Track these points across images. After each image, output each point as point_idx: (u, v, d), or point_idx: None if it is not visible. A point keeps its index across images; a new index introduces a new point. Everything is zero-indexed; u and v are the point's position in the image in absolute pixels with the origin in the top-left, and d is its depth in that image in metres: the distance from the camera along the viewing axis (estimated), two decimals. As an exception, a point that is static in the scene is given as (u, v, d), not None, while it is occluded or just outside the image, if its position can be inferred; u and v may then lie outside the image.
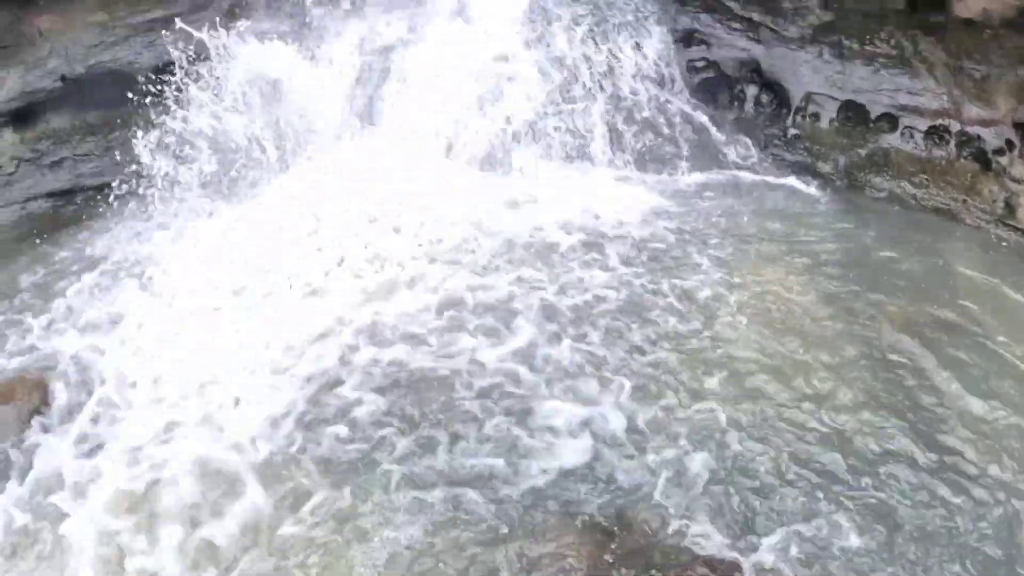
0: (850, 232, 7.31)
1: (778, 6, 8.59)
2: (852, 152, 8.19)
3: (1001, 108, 7.98)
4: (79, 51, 8.50)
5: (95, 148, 8.58)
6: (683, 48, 8.81)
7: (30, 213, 8.38)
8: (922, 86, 8.03)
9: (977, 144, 7.84)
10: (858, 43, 8.29)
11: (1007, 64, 8.01)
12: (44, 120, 8.53)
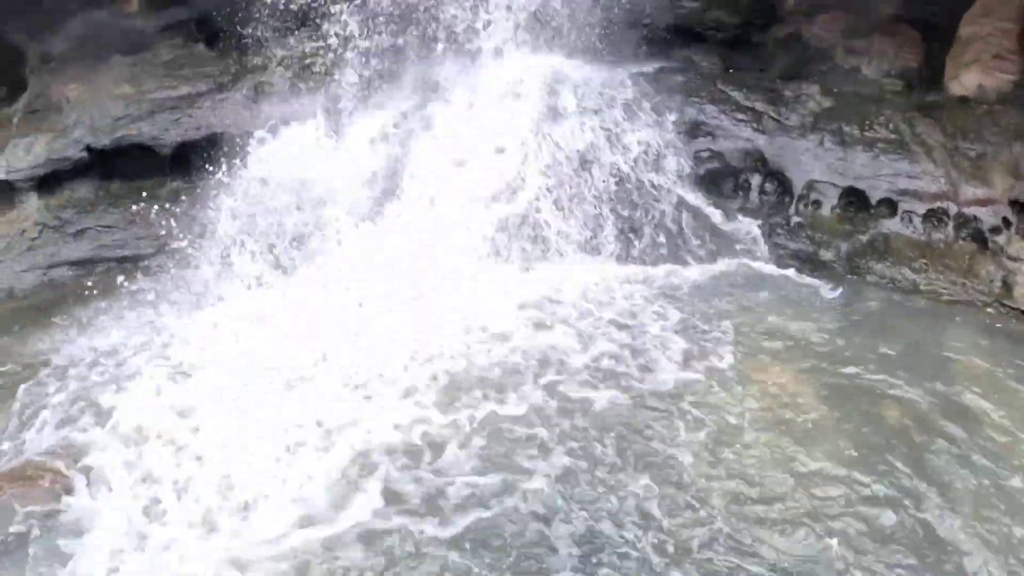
0: (851, 323, 7.19)
1: (780, 94, 8.80)
2: (853, 239, 8.21)
3: (997, 187, 7.97)
4: (105, 122, 8.88)
5: (118, 220, 8.86)
6: (689, 139, 8.93)
7: (52, 280, 8.66)
8: (920, 169, 8.08)
9: (974, 224, 7.85)
10: (858, 129, 8.40)
11: (1002, 141, 8.08)
12: (69, 188, 8.92)
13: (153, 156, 8.84)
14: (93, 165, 8.89)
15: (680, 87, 9.06)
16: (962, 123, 8.35)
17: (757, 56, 9.18)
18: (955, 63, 8.45)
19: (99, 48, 8.97)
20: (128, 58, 9.02)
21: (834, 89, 8.83)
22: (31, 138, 8.63)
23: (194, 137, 8.78)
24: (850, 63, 8.92)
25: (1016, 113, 8.19)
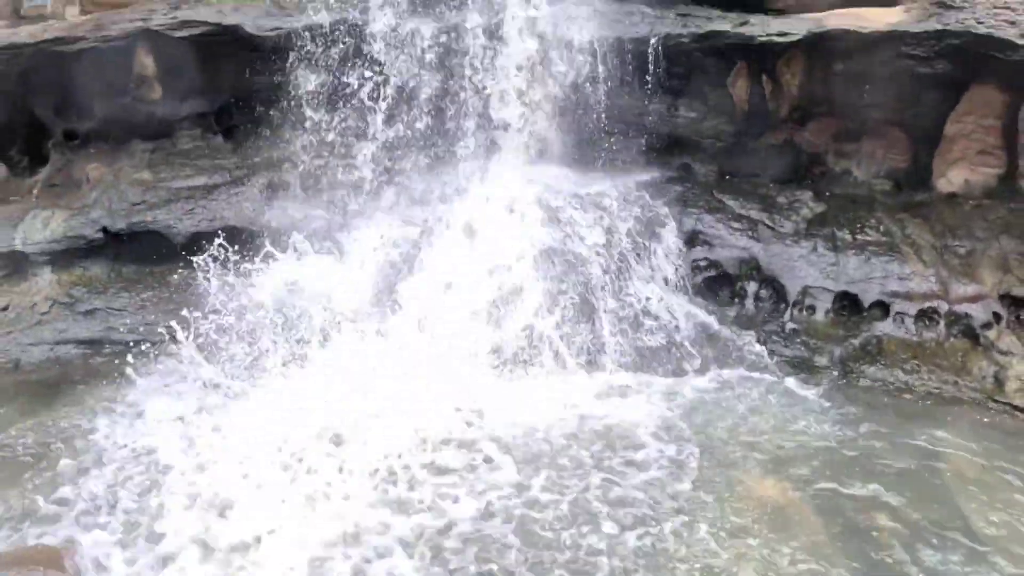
0: (845, 431, 7.07)
1: (774, 201, 8.95)
2: (847, 343, 8.13)
3: (987, 282, 8.02)
4: (122, 206, 9.07)
5: (129, 304, 8.91)
6: (688, 249, 9.00)
7: (59, 357, 8.58)
8: (911, 270, 8.11)
9: (966, 321, 7.86)
10: (849, 233, 8.50)
11: (990, 236, 8.21)
12: (82, 266, 9.03)
13: (167, 243, 8.97)
14: (107, 246, 9.03)
15: (679, 197, 9.20)
16: (951, 220, 8.49)
17: (752, 162, 9.30)
18: (942, 161, 8.58)
19: (122, 131, 9.33)
20: (148, 144, 9.39)
21: (826, 193, 9.00)
22: (49, 212, 8.87)
23: (207, 228, 8.88)
24: (841, 166, 9.09)
25: (1002, 207, 8.36)
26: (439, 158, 9.44)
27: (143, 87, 9.07)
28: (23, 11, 9.63)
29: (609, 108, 9.16)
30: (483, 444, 6.86)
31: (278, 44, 8.99)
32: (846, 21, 8.46)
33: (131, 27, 8.79)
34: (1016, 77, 7.93)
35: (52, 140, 9.43)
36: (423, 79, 9.22)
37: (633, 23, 9.16)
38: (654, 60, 8.94)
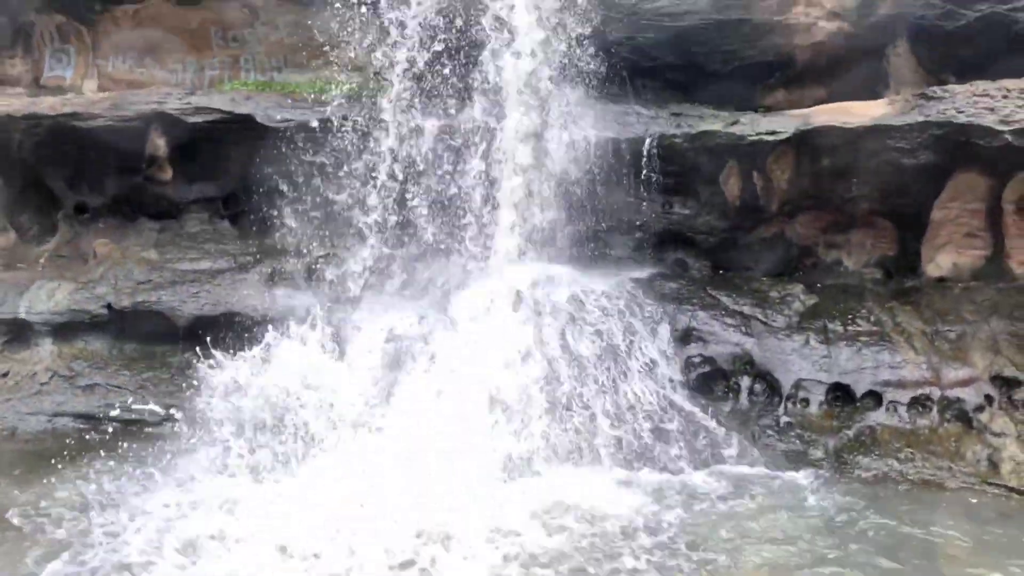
0: (839, 523, 6.79)
1: (766, 296, 8.87)
2: (840, 435, 7.95)
3: (978, 365, 7.92)
4: (128, 284, 9.11)
5: (128, 382, 8.84)
6: (682, 346, 8.86)
7: (56, 428, 8.51)
8: (902, 358, 8.01)
9: (958, 406, 7.72)
10: (841, 324, 8.41)
11: (980, 318, 8.17)
12: (84, 340, 9.03)
13: (169, 324, 8.94)
14: (111, 322, 9.02)
15: (673, 294, 9.11)
16: (940, 305, 8.43)
17: (745, 256, 9.33)
18: (930, 247, 8.59)
19: (131, 209, 9.52)
20: (156, 224, 9.53)
21: (818, 284, 8.96)
22: (55, 284, 8.95)
23: (210, 313, 8.92)
24: (832, 257, 9.08)
25: (990, 288, 8.33)
26: (440, 251, 9.42)
27: (154, 168, 9.27)
28: (43, 80, 9.99)
29: (605, 206, 9.24)
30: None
31: (287, 134, 9.17)
32: (832, 117, 8.59)
33: (147, 109, 9.07)
34: (998, 162, 8.00)
35: (63, 211, 9.58)
36: (425, 175, 9.40)
37: (629, 123, 9.35)
38: (649, 159, 9.06)
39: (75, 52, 10.03)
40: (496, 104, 9.42)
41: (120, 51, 9.98)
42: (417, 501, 6.97)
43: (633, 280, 9.28)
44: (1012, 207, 8.10)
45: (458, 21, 9.44)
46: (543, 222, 9.45)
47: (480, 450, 7.93)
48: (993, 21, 8.46)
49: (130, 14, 9.82)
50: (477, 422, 8.07)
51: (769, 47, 9.23)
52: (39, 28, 10.05)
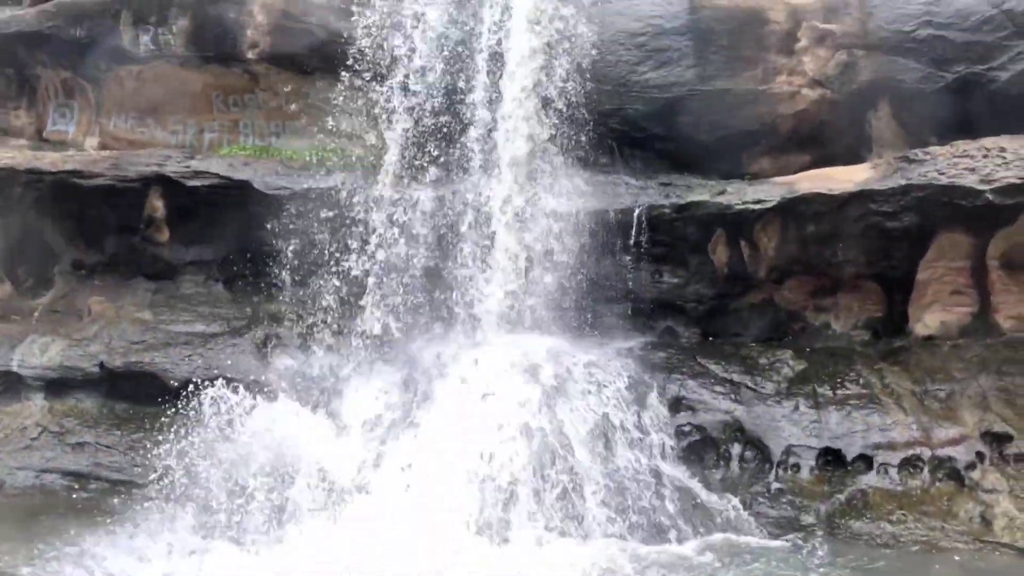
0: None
1: (756, 363, 8.78)
2: (832, 499, 7.80)
3: (968, 422, 7.82)
4: (121, 344, 9.07)
5: (119, 442, 8.73)
6: (671, 415, 8.72)
7: (43, 485, 8.39)
8: (892, 420, 7.91)
9: (949, 465, 7.60)
10: (830, 389, 8.31)
11: (968, 375, 8.09)
12: (75, 397, 8.95)
13: (162, 385, 8.79)
14: (103, 381, 8.97)
15: (662, 363, 9.01)
16: (929, 364, 8.34)
17: (734, 322, 9.26)
18: (917, 306, 8.52)
19: (127, 268, 9.51)
20: (152, 284, 9.50)
21: (806, 349, 8.86)
22: (48, 339, 8.93)
23: (203, 376, 8.56)
24: (820, 320, 8.99)
25: (978, 344, 8.24)
26: (431, 320, 9.40)
27: (152, 228, 9.34)
28: (46, 133, 10.14)
29: (595, 276, 9.22)
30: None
31: (284, 201, 9.23)
32: (817, 184, 8.64)
33: (147, 170, 9.21)
34: (981, 220, 8.01)
35: (59, 266, 9.59)
36: (418, 245, 9.40)
37: (618, 194, 9.41)
38: (638, 230, 9.09)
39: (79, 108, 10.19)
40: (488, 176, 9.51)
41: (123, 110, 10.11)
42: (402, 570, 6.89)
43: (622, 349, 9.19)
44: (997, 263, 8.07)
45: (451, 96, 9.66)
46: (533, 292, 9.40)
47: (467, 518, 7.77)
48: (971, 81, 8.59)
49: (134, 74, 9.97)
50: (465, 491, 7.91)
51: (753, 116, 9.35)
52: (44, 82, 10.25)
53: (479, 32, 9.65)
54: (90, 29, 9.77)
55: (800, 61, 9.14)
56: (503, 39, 9.64)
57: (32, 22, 9.83)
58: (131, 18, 9.76)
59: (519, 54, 9.57)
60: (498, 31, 9.66)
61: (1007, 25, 8.34)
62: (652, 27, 9.53)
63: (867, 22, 8.87)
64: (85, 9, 9.81)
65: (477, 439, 8.17)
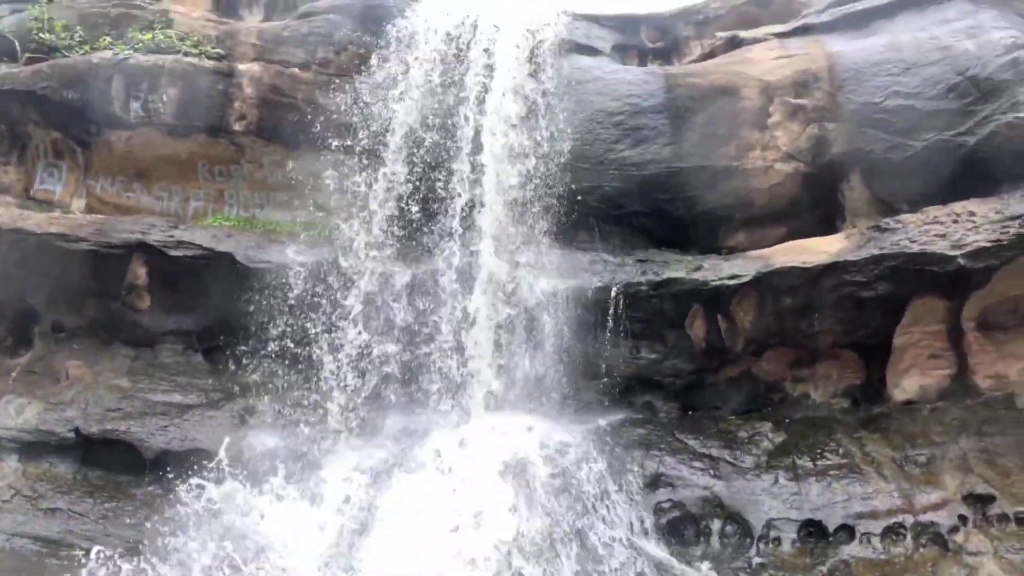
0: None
1: (735, 437, 8.61)
2: (814, 572, 7.53)
3: (949, 486, 7.65)
4: (98, 411, 8.83)
5: (91, 510, 8.43)
6: (650, 492, 8.50)
7: (14, 549, 8.08)
8: (873, 488, 7.72)
9: (932, 530, 7.38)
10: (810, 460, 8.13)
11: (948, 438, 7.97)
12: (49, 462, 8.65)
13: (137, 455, 8.60)
14: (77, 447, 8.71)
15: (641, 440, 8.84)
16: (909, 429, 8.21)
17: (713, 396, 9.11)
18: (895, 372, 8.43)
19: (107, 333, 9.30)
20: (131, 350, 9.28)
21: (786, 420, 8.71)
22: (25, 400, 8.71)
23: (178, 448, 8.59)
24: (799, 391, 8.87)
25: (957, 407, 8.13)
26: (411, 399, 9.21)
27: (133, 295, 9.19)
28: (33, 191, 10.03)
29: (574, 352, 9.09)
30: None
31: (266, 275, 9.15)
32: (791, 257, 8.68)
33: (131, 238, 9.12)
34: (954, 284, 8.01)
35: (39, 327, 9.39)
36: (397, 322, 9.29)
37: (596, 271, 9.39)
38: (615, 307, 9.04)
39: (67, 169, 10.17)
40: (467, 253, 9.50)
41: (110, 174, 10.11)
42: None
43: (600, 427, 9.01)
44: (973, 325, 8.06)
45: (431, 173, 9.71)
46: (511, 370, 9.30)
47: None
48: (939, 148, 8.68)
49: (123, 139, 9.99)
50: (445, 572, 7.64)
51: (729, 191, 9.44)
52: (35, 140, 10.22)
53: (461, 111, 9.76)
54: (83, 92, 9.81)
55: (773, 136, 9.28)
56: (484, 118, 9.73)
57: (26, 80, 9.90)
58: (123, 84, 9.83)
59: (499, 133, 9.70)
60: (479, 111, 9.79)
61: (972, 91, 8.53)
62: (630, 106, 9.73)
63: (837, 95, 9.08)
64: (79, 72, 9.90)
65: (455, 517, 7.87)
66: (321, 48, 10.25)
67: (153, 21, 10.60)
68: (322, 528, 8.07)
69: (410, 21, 10.30)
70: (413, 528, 7.93)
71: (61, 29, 10.41)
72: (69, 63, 10.02)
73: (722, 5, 11.04)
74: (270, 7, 11.77)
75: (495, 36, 10.07)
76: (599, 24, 11.26)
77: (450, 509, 7.94)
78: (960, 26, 8.96)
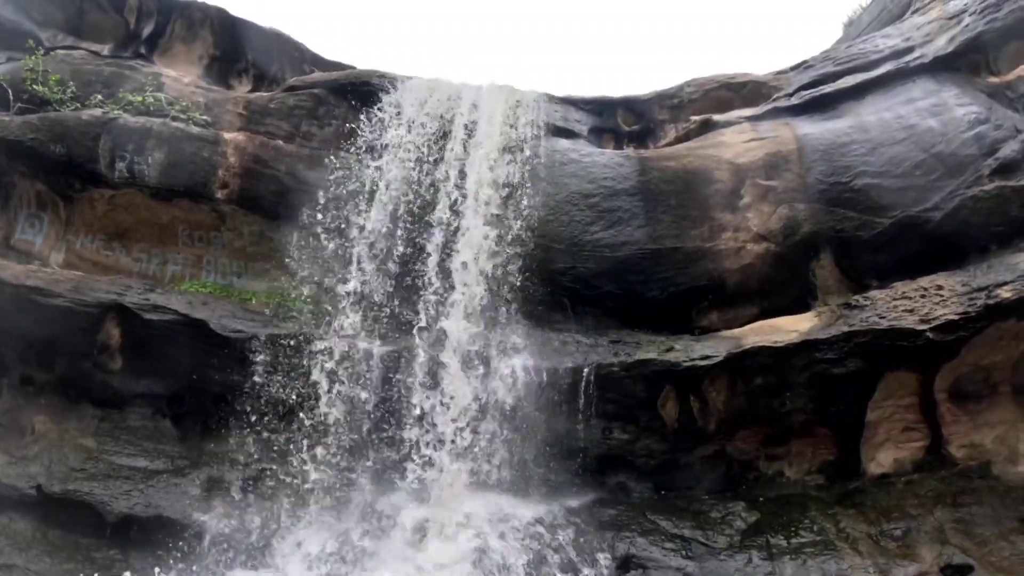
0: None
1: (707, 517, 8.33)
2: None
3: (926, 559, 7.43)
4: (62, 469, 8.47)
5: (49, 570, 8.08)
6: (622, 574, 8.11)
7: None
8: (848, 565, 7.45)
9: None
10: (784, 538, 7.85)
11: (924, 510, 7.77)
12: (9, 517, 8.29)
13: (98, 518, 8.22)
14: (38, 505, 8.34)
15: (612, 520, 8.53)
16: (884, 503, 8.00)
17: (686, 476, 8.80)
18: (869, 446, 8.24)
19: (76, 392, 8.97)
20: (99, 411, 8.95)
21: (760, 498, 8.45)
22: (-12, 453, 8.25)
23: (141, 514, 8.26)
24: (773, 469, 8.61)
25: (932, 478, 7.94)
26: (380, 475, 8.87)
27: (105, 355, 8.91)
28: (13, 240, 9.76)
29: (545, 432, 8.85)
30: None
31: (239, 344, 8.93)
32: (762, 337, 8.60)
33: (106, 298, 8.89)
34: (925, 357, 7.92)
35: (7, 379, 9.01)
36: (370, 399, 9.01)
37: (569, 352, 9.25)
38: (587, 388, 8.87)
39: (49, 222, 9.94)
40: (440, 333, 9.37)
41: (91, 231, 9.91)
42: None
43: (572, 508, 8.71)
44: (945, 395, 7.94)
45: (408, 250, 9.65)
46: (482, 450, 9.04)
47: None
48: (906, 224, 8.72)
49: (106, 198, 9.84)
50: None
51: (701, 272, 9.40)
52: (19, 190, 10.03)
53: (440, 190, 9.81)
54: (70, 148, 9.70)
55: (744, 217, 9.30)
56: (460, 198, 9.79)
57: (16, 131, 9.75)
58: (111, 143, 9.74)
59: (475, 213, 9.72)
60: (456, 190, 9.83)
61: (937, 167, 8.63)
62: (604, 188, 9.77)
63: (806, 176, 9.15)
64: (68, 127, 9.80)
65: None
66: (306, 121, 10.32)
67: (145, 84, 10.59)
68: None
69: (394, 99, 10.41)
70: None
71: (55, 83, 10.37)
72: (59, 117, 9.93)
73: (696, 90, 11.19)
74: (259, 78, 11.83)
75: (476, 115, 10.19)
76: (576, 107, 11.43)
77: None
78: (924, 104, 9.10)
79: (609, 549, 8.26)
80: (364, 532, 8.38)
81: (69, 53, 10.98)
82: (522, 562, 7.98)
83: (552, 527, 8.30)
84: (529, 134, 10.09)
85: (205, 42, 11.68)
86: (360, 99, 10.25)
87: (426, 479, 8.76)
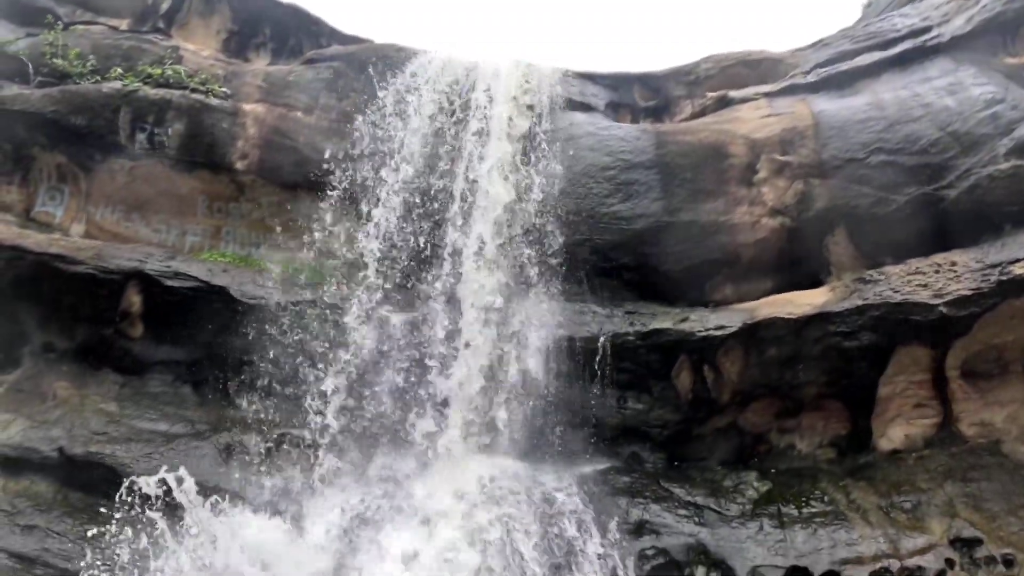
0: None
1: (720, 486, 8.38)
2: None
3: (936, 531, 7.44)
4: (83, 433, 8.50)
5: (69, 531, 8.08)
6: (634, 539, 8.18)
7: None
8: (858, 535, 7.47)
9: (919, 574, 7.12)
10: (795, 507, 7.90)
11: (934, 484, 7.79)
12: (30, 479, 8.29)
13: (119, 480, 7.87)
14: (60, 467, 8.35)
15: (625, 488, 8.57)
16: (895, 477, 8.03)
17: (699, 447, 8.84)
18: (880, 421, 8.26)
19: (97, 359, 9.00)
20: (120, 377, 8.97)
21: (771, 470, 8.49)
22: (10, 416, 8.38)
23: (158, 488, 7.86)
24: (785, 441, 8.64)
25: (943, 453, 7.96)
26: (396, 439, 8.87)
27: (126, 322, 8.96)
28: (33, 212, 9.78)
29: (560, 401, 8.87)
30: None
31: (259, 311, 8.96)
32: (777, 309, 8.60)
33: (128, 265, 8.92)
34: (937, 333, 7.92)
35: (29, 347, 9.03)
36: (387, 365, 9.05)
37: (585, 322, 9.25)
38: (602, 357, 8.88)
39: (69, 194, 9.95)
40: (459, 301, 9.36)
41: (111, 202, 9.90)
42: None
43: (586, 474, 8.74)
44: (956, 373, 7.93)
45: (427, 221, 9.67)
46: (498, 416, 9.05)
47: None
48: (921, 202, 8.69)
49: (126, 169, 9.84)
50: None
51: (716, 245, 9.37)
52: (39, 163, 10.01)
53: (458, 160, 9.79)
54: (90, 120, 9.72)
55: (760, 192, 9.28)
56: (480, 168, 9.74)
57: (36, 103, 9.74)
58: (130, 115, 9.76)
59: (492, 184, 9.67)
60: (476, 161, 9.80)
61: (953, 146, 8.58)
62: (622, 161, 9.74)
63: (822, 152, 9.11)
64: (88, 100, 9.82)
65: (442, 557, 7.66)
66: (324, 94, 10.30)
67: (164, 57, 10.57)
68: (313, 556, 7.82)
69: (412, 71, 10.37)
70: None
71: (75, 56, 10.33)
72: (79, 90, 9.93)
73: (712, 66, 11.14)
74: (277, 52, 11.75)
75: (494, 89, 10.14)
76: (593, 82, 11.39)
77: (437, 544, 7.76)
78: (941, 84, 9.05)
79: (623, 514, 8.31)
80: (380, 495, 8.36)
81: (88, 28, 10.90)
82: (535, 526, 7.98)
83: (567, 491, 8.30)
84: (546, 107, 10.04)
85: (223, 16, 11.61)
86: (379, 71, 10.15)
87: (440, 444, 8.80)
